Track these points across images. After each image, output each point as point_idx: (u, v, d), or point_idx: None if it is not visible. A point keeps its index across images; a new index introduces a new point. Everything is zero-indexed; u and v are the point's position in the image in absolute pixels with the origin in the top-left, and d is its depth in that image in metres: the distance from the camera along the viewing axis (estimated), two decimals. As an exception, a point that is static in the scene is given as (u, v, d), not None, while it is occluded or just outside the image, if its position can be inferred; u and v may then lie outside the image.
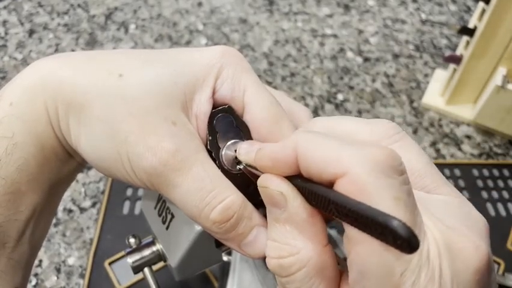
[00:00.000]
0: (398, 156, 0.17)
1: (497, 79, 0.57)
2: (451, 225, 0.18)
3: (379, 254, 0.16)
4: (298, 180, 0.19)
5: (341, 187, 0.17)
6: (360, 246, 0.17)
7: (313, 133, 0.19)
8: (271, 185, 0.20)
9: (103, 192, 0.56)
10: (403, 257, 0.16)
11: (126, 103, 0.23)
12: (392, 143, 0.21)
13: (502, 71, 0.58)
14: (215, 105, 0.25)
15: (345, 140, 0.18)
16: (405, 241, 0.14)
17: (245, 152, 0.24)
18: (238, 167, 0.25)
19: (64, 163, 0.27)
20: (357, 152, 0.17)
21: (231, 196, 0.23)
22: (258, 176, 0.24)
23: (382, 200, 0.16)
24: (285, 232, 0.20)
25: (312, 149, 0.18)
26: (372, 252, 0.16)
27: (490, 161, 0.62)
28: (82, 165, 0.28)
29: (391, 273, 0.16)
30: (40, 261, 0.50)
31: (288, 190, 0.20)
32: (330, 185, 0.18)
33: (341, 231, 0.19)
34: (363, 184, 0.16)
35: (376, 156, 0.17)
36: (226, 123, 0.25)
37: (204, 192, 0.23)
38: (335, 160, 0.17)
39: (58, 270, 0.50)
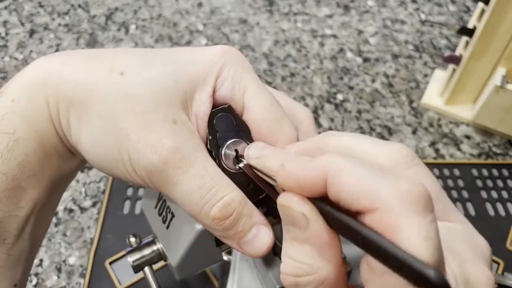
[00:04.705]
0: (429, 193, 0.17)
1: (497, 79, 0.57)
2: (465, 257, 0.19)
3: None
4: (322, 202, 0.19)
5: (371, 221, 0.17)
6: (386, 278, 0.16)
7: (345, 159, 0.19)
8: (293, 205, 0.19)
9: (103, 192, 0.56)
10: None
11: (127, 101, 0.23)
12: (409, 168, 0.21)
13: (501, 71, 0.58)
14: (215, 105, 0.26)
15: (377, 170, 0.18)
16: None
17: (255, 156, 0.24)
18: (237, 166, 0.25)
19: (65, 160, 0.27)
20: (391, 187, 0.17)
21: (231, 193, 0.23)
22: (258, 176, 0.24)
23: (413, 239, 0.16)
24: (303, 252, 0.19)
25: (344, 177, 0.18)
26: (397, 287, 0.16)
27: (489, 161, 0.62)
28: (84, 162, 0.28)
29: None
30: (41, 260, 0.51)
31: (310, 212, 0.19)
32: (356, 213, 0.17)
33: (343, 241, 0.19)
34: (395, 222, 0.16)
35: (410, 192, 0.17)
36: (226, 122, 0.25)
37: (205, 190, 0.23)
38: (368, 193, 0.17)
39: (59, 270, 0.50)
